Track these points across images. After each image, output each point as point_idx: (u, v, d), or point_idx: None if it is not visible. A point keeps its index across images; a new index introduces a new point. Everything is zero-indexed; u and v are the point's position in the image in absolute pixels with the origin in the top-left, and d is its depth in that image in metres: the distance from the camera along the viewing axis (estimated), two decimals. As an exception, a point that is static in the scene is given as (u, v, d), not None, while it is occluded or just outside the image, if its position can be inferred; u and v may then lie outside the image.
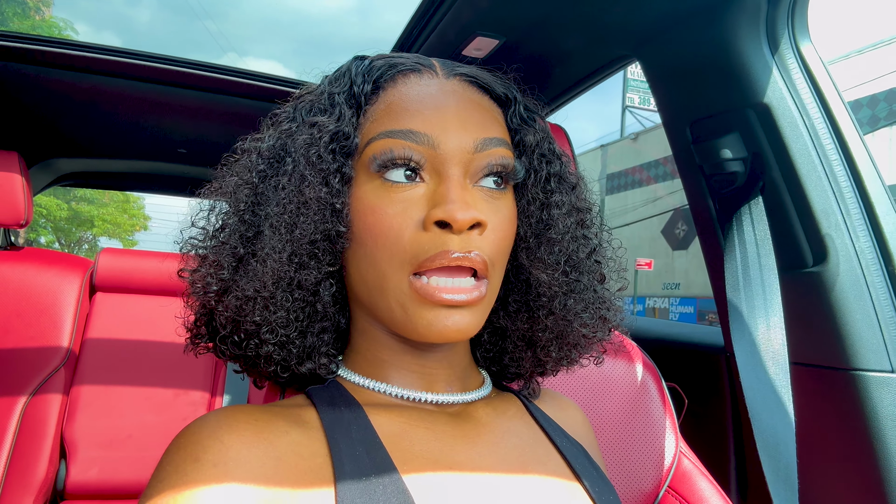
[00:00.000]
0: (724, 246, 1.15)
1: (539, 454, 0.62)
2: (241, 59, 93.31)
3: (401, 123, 0.57)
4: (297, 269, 0.57)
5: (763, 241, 1.01)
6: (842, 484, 0.98)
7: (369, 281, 0.57)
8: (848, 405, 0.95)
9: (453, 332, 0.55)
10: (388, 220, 0.55)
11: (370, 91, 0.60)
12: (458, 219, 0.53)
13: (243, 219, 0.59)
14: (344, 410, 0.56)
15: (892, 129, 11.57)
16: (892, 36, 11.63)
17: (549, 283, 0.62)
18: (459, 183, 0.56)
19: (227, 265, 0.58)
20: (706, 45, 1.04)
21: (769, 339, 0.93)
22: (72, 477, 1.67)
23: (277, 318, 0.57)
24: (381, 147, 0.56)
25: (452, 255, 0.54)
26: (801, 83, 1.01)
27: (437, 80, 0.60)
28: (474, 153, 0.57)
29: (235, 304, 0.57)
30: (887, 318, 0.95)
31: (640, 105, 20.38)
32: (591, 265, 0.66)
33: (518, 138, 0.63)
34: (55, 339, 1.69)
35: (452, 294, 0.54)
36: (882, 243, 0.97)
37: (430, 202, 0.55)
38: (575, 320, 0.64)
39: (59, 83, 1.70)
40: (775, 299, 0.95)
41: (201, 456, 0.48)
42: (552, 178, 0.64)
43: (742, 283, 1.00)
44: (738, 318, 0.97)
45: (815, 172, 0.99)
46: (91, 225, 20.32)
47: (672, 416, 1.04)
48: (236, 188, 0.60)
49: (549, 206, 0.63)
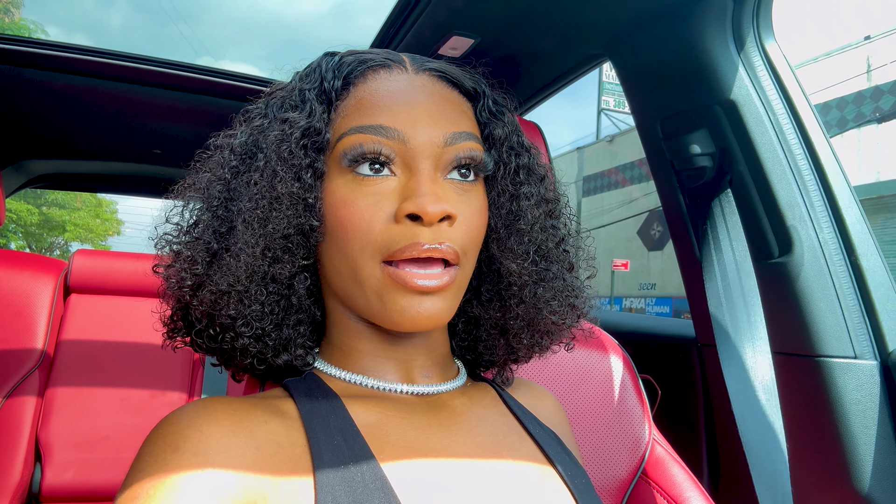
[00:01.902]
0: (696, 239, 1.18)
1: (512, 441, 0.63)
2: (215, 63, 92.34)
3: (371, 119, 0.58)
4: (271, 263, 0.58)
5: (734, 234, 1.04)
6: (808, 468, 1.01)
7: (343, 272, 0.58)
8: (813, 390, 0.98)
9: (425, 318, 0.56)
10: (360, 212, 0.56)
11: (340, 87, 0.61)
12: (428, 211, 0.54)
13: (216, 214, 0.60)
14: (321, 401, 0.57)
15: (860, 131, 11.83)
16: (858, 41, 11.90)
17: (518, 273, 0.64)
18: (430, 176, 0.57)
19: (200, 260, 0.59)
20: (675, 43, 1.07)
21: (748, 328, 0.95)
22: (47, 479, 1.65)
23: (252, 312, 0.58)
24: (351, 142, 0.57)
25: (423, 247, 0.55)
26: (766, 80, 1.04)
27: (407, 76, 0.61)
28: (444, 147, 0.58)
29: (210, 299, 0.58)
30: (850, 305, 0.98)
31: (616, 108, 20.57)
32: (560, 254, 0.67)
33: (487, 132, 0.64)
34: (29, 341, 1.67)
35: (425, 280, 0.55)
36: (844, 234, 1.00)
37: (402, 195, 0.56)
38: (545, 308, 0.65)
39: (31, 83, 1.68)
40: (753, 289, 0.97)
41: (181, 445, 0.48)
42: (521, 170, 0.66)
43: (718, 275, 1.03)
44: (718, 309, 1.00)
45: (780, 166, 1.02)
46: (63, 230, 19.95)
47: (645, 405, 1.06)
48: (209, 184, 0.61)
49: (519, 197, 0.65)
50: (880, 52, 11.43)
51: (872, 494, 0.95)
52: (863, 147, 11.81)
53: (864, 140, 11.80)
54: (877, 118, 11.49)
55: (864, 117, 11.69)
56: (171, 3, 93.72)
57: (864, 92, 11.72)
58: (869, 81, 11.68)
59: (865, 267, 0.99)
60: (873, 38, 11.69)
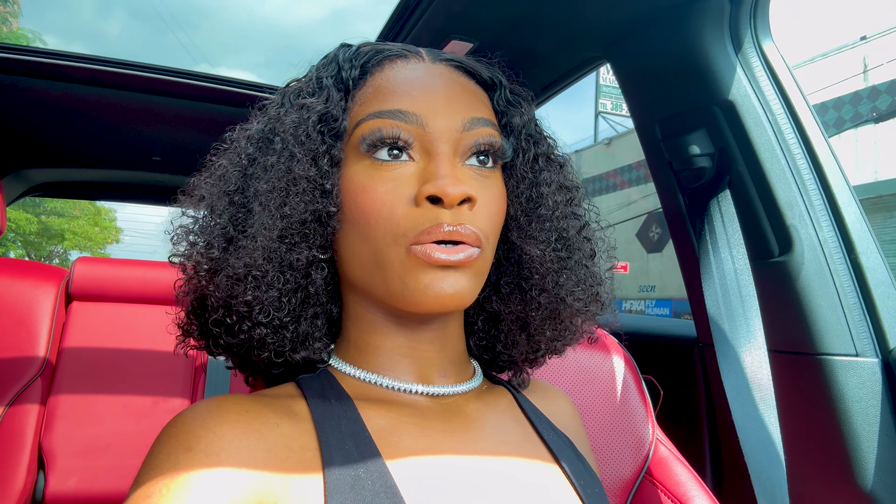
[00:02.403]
0: (695, 239, 1.19)
1: (526, 448, 0.63)
2: (213, 70, 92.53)
3: (389, 104, 0.58)
4: (288, 249, 0.57)
5: (733, 234, 1.04)
6: (810, 466, 1.01)
7: (364, 258, 0.58)
8: (815, 389, 0.98)
9: (448, 295, 0.55)
10: (380, 197, 0.56)
11: (358, 76, 0.61)
12: (449, 193, 0.54)
13: (233, 200, 0.60)
14: (334, 403, 0.57)
15: (857, 131, 11.85)
16: (855, 41, 11.93)
17: (541, 260, 0.63)
18: (449, 160, 0.57)
19: (217, 245, 0.59)
20: (673, 44, 1.08)
21: (746, 327, 0.96)
22: (51, 487, 1.65)
23: (269, 298, 0.57)
24: (369, 127, 0.57)
25: (445, 229, 0.55)
26: (764, 80, 1.05)
27: (424, 65, 0.62)
28: (462, 132, 0.58)
29: (226, 284, 0.57)
30: (850, 303, 0.99)
31: (613, 110, 20.59)
32: (581, 242, 0.67)
33: (505, 120, 0.65)
34: (31, 349, 1.67)
35: (447, 254, 0.55)
36: (844, 232, 1.01)
37: (421, 179, 0.56)
38: (568, 297, 0.64)
39: (29, 92, 1.69)
40: (750, 289, 0.98)
41: (194, 445, 0.48)
42: (540, 157, 0.66)
43: (716, 276, 1.03)
44: (716, 309, 1.00)
45: (778, 166, 1.02)
46: (62, 238, 19.95)
47: (648, 405, 1.07)
48: (225, 172, 0.61)
49: (539, 184, 0.64)
50: (877, 52, 11.46)
51: (875, 492, 0.95)
52: (860, 147, 11.83)
53: (862, 140, 11.82)
54: (874, 118, 11.51)
55: (862, 117, 11.71)
56: (168, 12, 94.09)
57: (861, 92, 11.74)
58: (866, 81, 11.71)
59: (865, 265, 0.99)
60: (869, 39, 11.72)
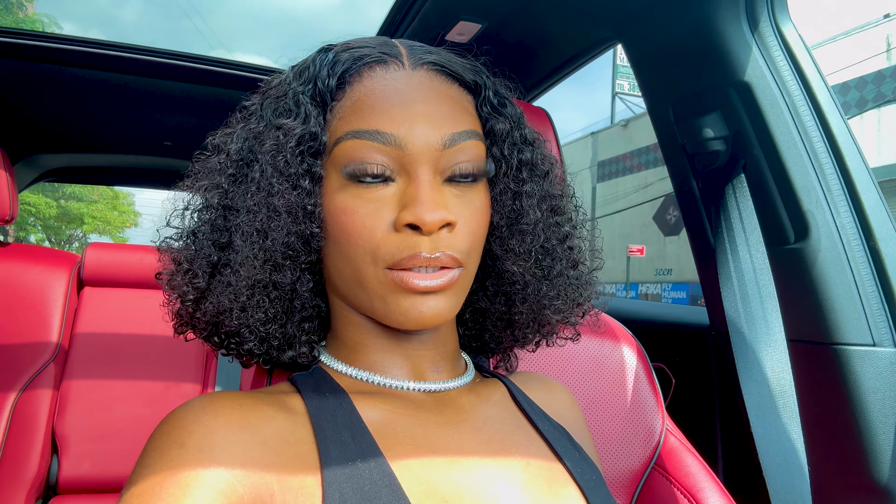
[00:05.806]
0: (709, 225, 1.16)
1: (520, 438, 0.63)
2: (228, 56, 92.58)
3: (367, 123, 0.56)
4: (272, 272, 0.58)
5: (748, 220, 1.01)
6: (826, 456, 0.99)
7: (346, 275, 0.58)
8: (831, 379, 0.96)
9: (429, 317, 0.56)
10: (360, 219, 0.56)
11: (335, 87, 0.59)
12: (427, 221, 0.53)
13: (215, 225, 0.59)
14: (329, 396, 0.57)
15: (880, 111, 11.63)
16: (878, 19, 11.67)
17: (521, 273, 0.64)
18: (428, 182, 0.56)
19: (201, 273, 0.59)
20: (686, 24, 1.04)
21: (763, 315, 0.94)
22: (64, 471, 1.67)
23: (255, 321, 0.58)
24: (349, 149, 0.56)
25: (423, 257, 0.55)
26: (780, 61, 1.01)
27: (404, 73, 0.59)
28: (443, 150, 0.56)
29: (213, 311, 0.59)
30: (868, 292, 0.96)
31: (630, 91, 20.35)
32: (564, 251, 0.67)
33: (489, 126, 0.63)
34: (44, 334, 1.68)
35: (426, 280, 0.55)
36: (863, 218, 0.98)
37: (401, 202, 0.56)
38: (549, 307, 0.65)
39: (42, 77, 1.69)
40: (766, 276, 0.96)
41: (186, 441, 0.48)
42: (524, 166, 0.64)
43: (731, 262, 1.01)
44: (730, 297, 0.98)
45: (795, 149, 0.99)
46: (81, 222, 20.19)
47: (658, 394, 1.05)
48: (207, 191, 0.60)
49: (521, 195, 0.63)
50: (901, 30, 11.20)
51: (891, 483, 0.93)
52: (883, 128, 11.61)
53: (885, 121, 11.60)
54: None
55: (885, 97, 11.48)
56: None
57: (885, 71, 11.50)
58: (889, 60, 11.46)
59: (884, 252, 0.96)
60: (893, 16, 11.45)
